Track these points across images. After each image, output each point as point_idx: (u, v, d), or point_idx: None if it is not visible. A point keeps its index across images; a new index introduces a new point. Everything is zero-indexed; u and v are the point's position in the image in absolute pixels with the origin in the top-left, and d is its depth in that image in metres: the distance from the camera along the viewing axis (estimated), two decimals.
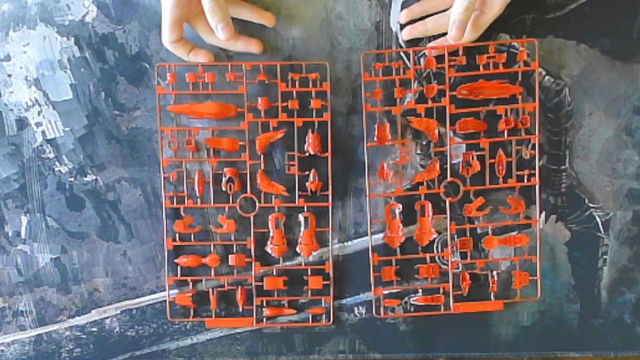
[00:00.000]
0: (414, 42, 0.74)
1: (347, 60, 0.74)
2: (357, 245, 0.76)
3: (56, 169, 0.75)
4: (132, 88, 0.75)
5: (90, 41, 0.74)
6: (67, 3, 0.74)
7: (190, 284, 0.75)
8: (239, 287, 0.75)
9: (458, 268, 0.75)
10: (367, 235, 0.75)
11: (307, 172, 0.74)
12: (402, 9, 0.73)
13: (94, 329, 0.77)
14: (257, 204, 0.74)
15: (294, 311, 0.76)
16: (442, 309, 0.75)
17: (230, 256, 0.74)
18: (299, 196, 0.74)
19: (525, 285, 0.75)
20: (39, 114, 0.75)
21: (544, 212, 0.75)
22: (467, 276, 0.74)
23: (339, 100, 0.75)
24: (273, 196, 0.74)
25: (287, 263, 0.76)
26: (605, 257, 0.76)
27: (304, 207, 0.74)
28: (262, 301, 0.75)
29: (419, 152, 0.75)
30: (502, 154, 0.73)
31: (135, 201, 0.76)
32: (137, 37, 0.74)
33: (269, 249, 0.75)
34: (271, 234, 0.75)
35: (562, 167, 0.75)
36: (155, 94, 0.73)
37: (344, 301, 0.76)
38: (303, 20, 0.74)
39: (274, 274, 0.75)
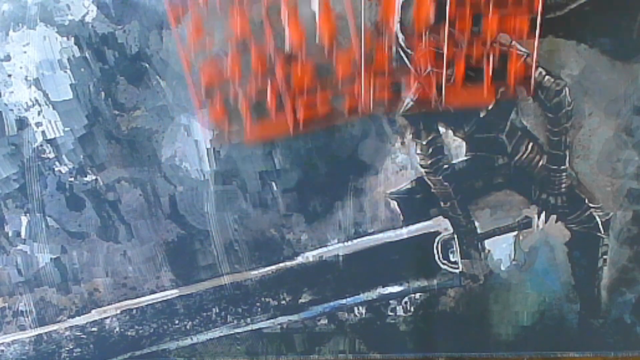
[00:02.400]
0: (413, 42, 0.74)
1: None
2: (357, 245, 0.76)
3: (56, 169, 0.75)
4: (132, 88, 0.75)
5: (90, 41, 0.74)
6: (67, 3, 0.74)
7: (218, 94, 0.71)
8: (269, 82, 0.70)
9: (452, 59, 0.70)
10: (367, 235, 0.75)
11: None
12: (402, 9, 0.73)
13: (94, 329, 0.77)
14: None
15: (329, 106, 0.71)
16: (433, 103, 0.72)
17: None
18: None
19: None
20: (39, 114, 0.75)
21: (544, 212, 0.75)
22: (462, 64, 0.70)
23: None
24: None
25: (287, 263, 0.76)
26: (605, 257, 0.76)
27: None
28: (293, 103, 0.71)
29: (419, 152, 0.75)
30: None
31: (135, 201, 0.76)
32: (137, 37, 0.74)
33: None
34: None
35: (562, 167, 0.75)
36: (155, 94, 0.73)
37: (344, 301, 0.76)
38: (303, 20, 0.74)
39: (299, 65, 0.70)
